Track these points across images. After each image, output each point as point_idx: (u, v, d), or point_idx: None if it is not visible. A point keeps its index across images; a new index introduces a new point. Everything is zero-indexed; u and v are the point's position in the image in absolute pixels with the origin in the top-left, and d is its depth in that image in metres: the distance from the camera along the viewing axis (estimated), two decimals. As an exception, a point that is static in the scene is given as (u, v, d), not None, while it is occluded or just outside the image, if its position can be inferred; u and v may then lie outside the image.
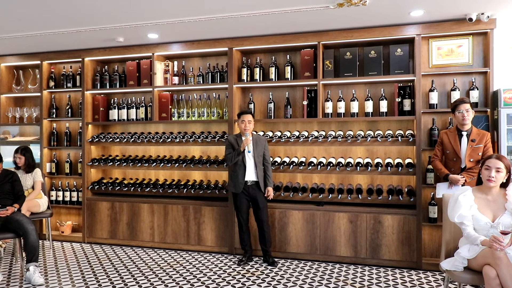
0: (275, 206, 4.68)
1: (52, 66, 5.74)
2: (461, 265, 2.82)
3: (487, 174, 2.86)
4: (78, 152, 5.68)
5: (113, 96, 5.61)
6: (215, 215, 4.91)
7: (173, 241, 5.06)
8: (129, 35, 4.76)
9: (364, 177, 4.72)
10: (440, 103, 4.43)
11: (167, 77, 5.24)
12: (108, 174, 5.67)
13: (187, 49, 5.04)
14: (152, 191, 5.17)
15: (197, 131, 5.23)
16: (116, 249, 5.10)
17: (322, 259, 4.54)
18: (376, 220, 4.39)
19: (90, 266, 4.46)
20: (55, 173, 5.67)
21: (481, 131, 3.88)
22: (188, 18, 4.17)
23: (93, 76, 5.55)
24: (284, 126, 5.00)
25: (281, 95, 4.99)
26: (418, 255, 4.26)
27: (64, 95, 5.80)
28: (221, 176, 5.20)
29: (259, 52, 5.06)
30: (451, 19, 4.19)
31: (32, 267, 3.93)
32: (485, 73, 4.27)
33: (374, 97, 4.61)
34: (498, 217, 2.83)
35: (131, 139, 5.26)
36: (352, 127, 4.76)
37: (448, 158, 3.86)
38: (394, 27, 4.36)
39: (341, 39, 4.54)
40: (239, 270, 4.28)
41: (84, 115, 5.45)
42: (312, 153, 4.90)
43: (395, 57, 4.46)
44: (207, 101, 5.16)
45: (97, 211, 5.36)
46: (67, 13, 4.04)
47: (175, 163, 5.10)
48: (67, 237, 5.54)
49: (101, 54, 5.38)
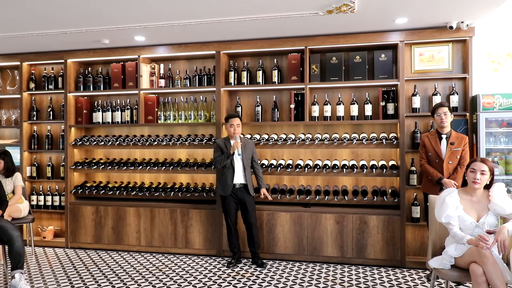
0: (263, 208, 4.74)
1: (32, 67, 5.61)
2: (449, 263, 2.96)
3: (473, 176, 3.01)
4: (60, 155, 5.57)
5: (97, 99, 5.53)
6: (203, 218, 4.93)
7: (160, 245, 5.04)
8: (115, 37, 4.71)
9: (349, 178, 4.84)
10: (422, 107, 4.60)
11: (153, 79, 5.22)
12: (92, 178, 5.59)
13: (173, 51, 5.03)
14: (138, 194, 5.13)
15: (183, 134, 5.23)
16: (101, 254, 5.04)
17: (309, 259, 4.64)
18: (361, 220, 4.52)
19: (77, 272, 4.39)
20: (36, 177, 5.54)
21: (460, 134, 4.07)
22: (177, 21, 4.17)
23: (76, 78, 5.46)
24: (271, 129, 5.07)
25: (268, 98, 5.05)
26: (402, 254, 4.42)
27: (45, 97, 5.67)
28: (208, 179, 5.22)
29: (246, 56, 5.11)
30: (433, 27, 4.36)
31: (18, 274, 3.83)
32: (464, 79, 4.47)
33: (359, 101, 4.74)
34: (483, 217, 2.98)
35: (116, 142, 5.20)
36: (338, 130, 4.88)
37: (431, 160, 4.02)
38: (379, 33, 4.50)
39: (328, 44, 4.64)
40: (229, 272, 4.32)
41: (66, 118, 5.35)
42: (298, 156, 4.98)
43: (379, 62, 4.61)
44: (194, 104, 5.16)
45: (80, 215, 5.27)
46: (52, 15, 3.96)
47: (162, 166, 5.08)
48: (49, 242, 5.42)
49: (85, 55, 5.29)
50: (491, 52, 4.55)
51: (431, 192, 3.88)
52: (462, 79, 4.50)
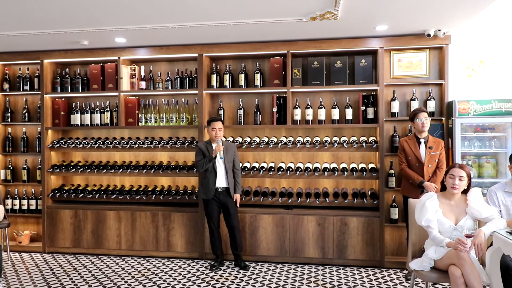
0: (245, 210, 4.77)
1: (6, 67, 5.43)
2: (428, 265, 3.07)
3: (452, 182, 3.13)
4: (36, 158, 5.42)
5: (74, 100, 5.42)
6: (185, 221, 4.92)
7: (142, 248, 5.00)
8: (95, 38, 4.63)
9: (330, 181, 4.94)
10: (401, 111, 4.74)
11: (133, 81, 5.15)
12: (70, 181, 5.47)
13: (155, 54, 4.99)
14: (119, 197, 5.07)
15: (164, 137, 5.19)
16: (80, 258, 4.95)
17: (291, 261, 4.71)
18: (342, 222, 4.62)
19: (56, 277, 4.31)
20: (10, 180, 5.39)
21: (436, 139, 4.22)
22: (160, 25, 4.14)
23: (52, 79, 5.32)
24: (253, 132, 5.10)
25: (250, 101, 5.08)
26: (381, 254, 4.55)
27: (20, 98, 5.51)
28: (189, 182, 5.21)
29: (228, 59, 5.11)
30: (412, 34, 4.49)
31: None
32: (441, 85, 4.63)
33: (340, 105, 4.84)
34: (461, 220, 3.11)
35: (95, 145, 5.11)
36: (319, 133, 4.96)
37: (411, 164, 4.15)
38: (360, 39, 4.60)
39: (310, 49, 4.71)
40: (212, 276, 4.33)
41: (43, 120, 5.21)
42: (280, 159, 5.04)
43: (360, 67, 4.71)
44: (175, 107, 5.13)
45: (58, 219, 5.16)
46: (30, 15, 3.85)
47: (143, 169, 5.03)
48: (25, 247, 5.28)
49: (62, 56, 5.17)
50: (465, 59, 4.73)
51: (410, 194, 4.01)
52: (439, 85, 4.66)
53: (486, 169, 4.43)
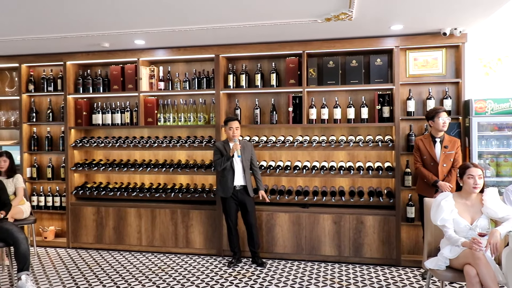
0: (262, 208, 4.86)
1: (31, 69, 5.63)
2: (444, 264, 3.10)
3: (473, 182, 3.15)
4: (60, 156, 5.62)
5: (96, 100, 5.58)
6: (203, 218, 5.03)
7: (161, 244, 5.14)
8: (115, 41, 4.76)
9: (346, 180, 4.98)
10: (417, 110, 4.74)
11: (152, 82, 5.28)
12: (92, 179, 5.65)
13: (173, 55, 5.10)
14: (139, 195, 5.22)
15: (182, 136, 5.31)
16: (103, 254, 5.13)
17: (307, 258, 4.78)
18: (358, 220, 4.66)
19: (80, 272, 4.48)
20: (36, 178, 5.60)
21: (453, 138, 4.21)
22: (178, 27, 4.24)
23: (75, 80, 5.50)
24: (269, 131, 5.18)
25: (266, 100, 5.15)
26: (398, 252, 4.58)
27: (45, 98, 5.70)
28: (207, 180, 5.32)
29: (244, 59, 5.19)
30: (427, 33, 4.49)
31: (24, 276, 3.91)
32: (457, 83, 4.61)
33: (356, 104, 4.87)
34: (476, 220, 3.13)
35: (116, 144, 5.27)
36: (335, 132, 5.00)
37: (426, 163, 4.16)
38: (374, 38, 4.61)
39: (325, 49, 4.75)
40: (230, 272, 4.44)
41: (66, 120, 5.40)
42: (296, 157, 5.10)
43: (375, 66, 4.73)
44: (193, 106, 5.24)
45: (81, 216, 5.35)
46: (53, 20, 4.00)
47: (162, 168, 5.17)
48: (50, 242, 5.49)
49: (84, 58, 5.34)
50: (482, 57, 4.70)
51: (425, 193, 4.04)
52: (455, 84, 4.64)
53: (504, 167, 4.40)
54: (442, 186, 3.96)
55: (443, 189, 3.93)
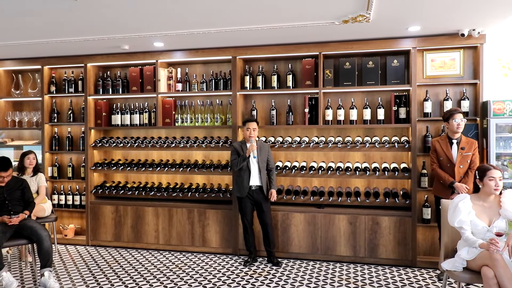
0: (277, 208, 4.90)
1: (53, 70, 5.78)
2: (461, 266, 3.11)
3: (494, 184, 3.14)
4: (80, 156, 5.75)
5: (115, 101, 5.70)
6: (219, 217, 5.10)
7: (178, 243, 5.22)
8: (135, 43, 4.87)
9: (362, 180, 4.99)
10: (434, 111, 4.72)
11: (170, 83, 5.37)
12: (110, 178, 5.77)
13: (190, 56, 5.18)
14: (156, 194, 5.32)
15: (199, 136, 5.39)
16: (121, 252, 5.23)
17: (323, 258, 4.80)
18: (374, 221, 4.67)
19: (100, 269, 4.59)
20: (57, 177, 5.74)
21: (470, 139, 4.19)
22: (197, 30, 4.32)
23: (95, 82, 5.63)
24: (285, 132, 5.22)
25: (282, 102, 5.20)
26: (413, 253, 4.57)
27: (65, 99, 5.85)
28: (223, 180, 5.39)
29: (261, 60, 5.25)
30: (445, 34, 4.47)
31: (47, 272, 4.04)
32: (475, 85, 4.59)
33: (372, 105, 4.88)
34: (494, 222, 3.12)
35: (134, 144, 5.38)
36: (351, 133, 5.01)
37: (442, 164, 4.16)
38: (391, 40, 4.62)
39: (341, 50, 4.77)
40: (246, 271, 4.50)
41: (87, 120, 5.53)
42: (312, 158, 5.13)
43: (392, 67, 4.73)
44: (210, 107, 5.32)
45: (101, 214, 5.47)
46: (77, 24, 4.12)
47: (179, 167, 5.25)
48: (70, 240, 5.63)
49: (104, 60, 5.46)
50: (501, 57, 4.66)
51: (442, 195, 4.03)
52: (473, 85, 4.62)
53: (522, 169, 4.37)
54: (459, 188, 3.95)
55: (460, 190, 3.92)
